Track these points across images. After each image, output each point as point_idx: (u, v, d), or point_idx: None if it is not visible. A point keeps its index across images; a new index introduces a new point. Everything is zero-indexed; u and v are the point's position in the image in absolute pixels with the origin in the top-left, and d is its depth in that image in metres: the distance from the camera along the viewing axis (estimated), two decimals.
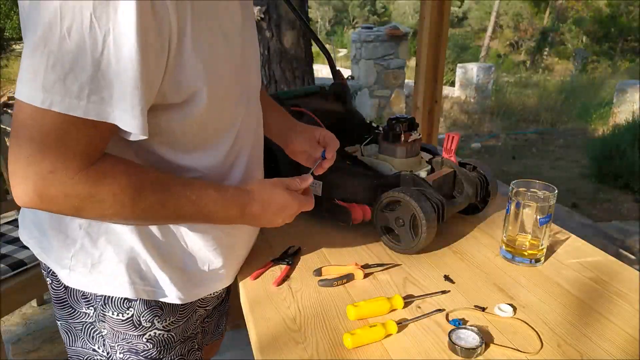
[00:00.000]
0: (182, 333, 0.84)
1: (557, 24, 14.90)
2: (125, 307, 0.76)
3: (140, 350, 0.80)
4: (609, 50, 13.57)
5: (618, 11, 13.48)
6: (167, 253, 0.76)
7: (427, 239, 0.91)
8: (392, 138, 1.04)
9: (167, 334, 0.81)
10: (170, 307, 0.80)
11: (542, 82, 10.20)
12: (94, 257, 0.73)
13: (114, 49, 0.54)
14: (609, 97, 7.42)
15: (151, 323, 0.78)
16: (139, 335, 0.78)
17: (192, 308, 0.85)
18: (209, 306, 0.92)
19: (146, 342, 0.79)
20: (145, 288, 0.75)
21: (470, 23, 17.60)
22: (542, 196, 0.91)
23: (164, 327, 0.80)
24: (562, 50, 14.36)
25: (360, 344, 0.70)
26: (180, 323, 0.83)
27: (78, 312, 0.80)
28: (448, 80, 9.24)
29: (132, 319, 0.77)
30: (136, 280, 0.74)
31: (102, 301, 0.76)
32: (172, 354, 0.83)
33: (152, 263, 0.74)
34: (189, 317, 0.85)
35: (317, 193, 1.07)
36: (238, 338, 2.10)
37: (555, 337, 0.72)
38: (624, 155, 4.42)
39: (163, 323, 0.80)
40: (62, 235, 0.73)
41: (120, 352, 0.80)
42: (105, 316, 0.77)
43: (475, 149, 5.83)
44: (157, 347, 0.81)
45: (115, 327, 0.77)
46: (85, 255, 0.73)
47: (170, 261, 0.76)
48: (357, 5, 18.39)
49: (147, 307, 0.77)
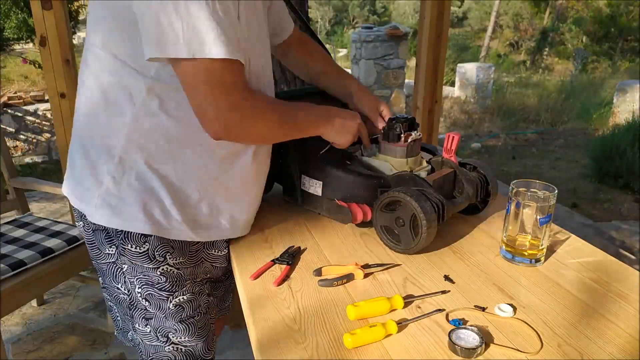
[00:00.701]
0: (191, 275, 0.95)
1: (557, 24, 14.89)
2: (142, 242, 0.87)
3: (155, 282, 0.90)
4: (609, 50, 13.56)
5: (618, 11, 13.47)
6: (183, 197, 0.88)
7: (427, 239, 0.91)
8: (392, 138, 1.04)
9: (177, 271, 0.92)
10: (180, 246, 0.91)
11: (542, 82, 10.20)
12: (117, 198, 0.85)
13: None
14: (609, 97, 7.42)
15: (164, 258, 0.89)
16: (153, 267, 0.89)
17: (199, 257, 0.96)
18: (215, 262, 1.01)
19: (160, 275, 0.90)
20: (160, 227, 0.86)
21: (470, 23, 17.59)
22: (542, 196, 0.91)
23: (175, 264, 0.91)
24: (562, 50, 14.35)
25: (360, 344, 0.70)
26: (189, 266, 0.94)
27: (103, 253, 0.92)
28: (448, 80, 9.24)
29: (147, 253, 0.88)
30: (152, 220, 0.86)
31: (123, 235, 0.87)
32: (183, 290, 0.93)
33: (169, 205, 0.86)
34: (196, 264, 0.96)
35: (317, 193, 1.07)
36: (238, 338, 2.10)
37: (555, 337, 0.72)
38: (624, 155, 4.42)
39: (174, 260, 0.91)
40: (92, 178, 0.86)
41: (139, 287, 0.91)
42: (125, 249, 0.88)
43: (475, 149, 5.83)
44: (169, 280, 0.91)
45: (133, 259, 0.89)
46: (109, 196, 0.85)
47: (185, 204, 0.88)
48: (357, 5, 18.38)
49: (160, 242, 0.88)
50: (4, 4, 7.07)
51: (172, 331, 0.94)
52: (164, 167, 0.86)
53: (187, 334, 0.95)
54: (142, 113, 0.82)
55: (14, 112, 5.01)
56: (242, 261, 0.94)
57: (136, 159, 0.84)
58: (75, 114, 0.92)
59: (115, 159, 0.84)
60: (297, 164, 1.09)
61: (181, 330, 0.94)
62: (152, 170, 0.85)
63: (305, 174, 1.08)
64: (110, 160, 0.85)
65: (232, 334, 2.12)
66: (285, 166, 1.11)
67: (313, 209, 1.10)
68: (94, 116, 0.86)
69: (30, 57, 6.98)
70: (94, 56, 0.84)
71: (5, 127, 4.94)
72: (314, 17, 17.38)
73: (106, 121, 0.85)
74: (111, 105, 0.83)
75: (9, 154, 2.14)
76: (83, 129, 0.90)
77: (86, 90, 0.87)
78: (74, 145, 0.92)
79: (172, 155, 0.86)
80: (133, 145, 0.84)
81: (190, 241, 0.92)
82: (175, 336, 0.94)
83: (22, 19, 7.16)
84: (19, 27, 7.24)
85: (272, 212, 1.14)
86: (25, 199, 2.19)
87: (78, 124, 0.91)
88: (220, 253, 1.00)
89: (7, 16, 7.22)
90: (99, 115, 0.85)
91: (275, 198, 1.19)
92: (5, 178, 2.11)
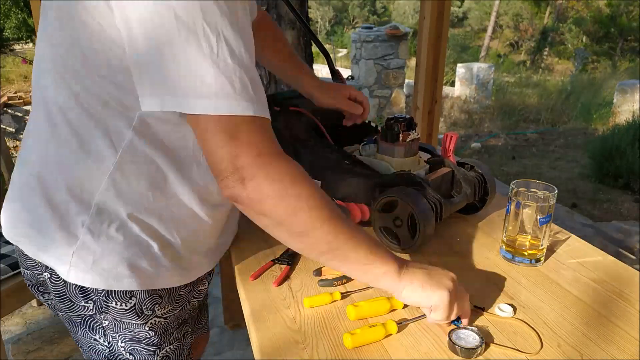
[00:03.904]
0: (177, 321, 0.88)
1: (557, 24, 14.90)
2: (127, 297, 0.78)
3: (143, 338, 0.83)
4: (609, 50, 13.57)
5: (618, 11, 13.47)
6: (167, 241, 0.79)
7: (425, 237, 0.91)
8: (390, 137, 1.04)
9: (165, 321, 0.85)
10: (168, 294, 0.83)
11: (542, 82, 10.20)
12: (96, 254, 0.74)
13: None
14: (609, 97, 7.42)
15: (152, 311, 0.81)
16: (141, 323, 0.81)
17: (187, 297, 0.89)
18: (201, 297, 0.94)
19: (148, 330, 0.82)
20: (147, 279, 0.78)
21: (470, 23, 17.60)
22: (542, 196, 0.91)
23: (162, 315, 0.83)
24: (562, 50, 14.36)
25: (360, 344, 0.70)
26: (177, 311, 0.86)
27: (77, 305, 0.80)
28: (448, 80, 9.25)
29: (134, 308, 0.79)
30: (138, 273, 0.76)
31: (105, 294, 0.77)
32: (170, 339, 0.87)
33: (157, 251, 0.77)
34: (184, 306, 0.88)
35: None
36: (238, 338, 2.10)
37: (555, 337, 0.72)
38: (624, 155, 4.42)
39: (162, 310, 0.83)
40: (63, 232, 0.74)
41: (122, 342, 0.82)
42: (109, 307, 0.78)
43: (475, 149, 5.83)
44: (158, 334, 0.84)
45: (118, 317, 0.80)
46: (86, 251, 0.74)
47: (170, 248, 0.80)
48: (357, 5, 18.39)
49: (148, 295, 0.80)
50: (4, 4, 7.07)
51: None
52: (148, 217, 0.76)
53: None
54: (127, 159, 0.71)
55: (14, 112, 5.01)
56: (242, 261, 0.94)
57: (117, 208, 0.73)
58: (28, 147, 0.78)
59: (92, 209, 0.72)
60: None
61: None
62: (136, 221, 0.75)
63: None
64: (85, 211, 0.72)
65: (232, 334, 2.12)
66: None
67: None
68: (60, 158, 0.73)
69: (30, 57, 6.98)
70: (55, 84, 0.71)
71: (5, 127, 4.95)
72: (314, 17, 17.39)
73: (78, 167, 0.72)
74: (85, 150, 0.71)
75: (9, 154, 2.14)
76: (42, 169, 0.75)
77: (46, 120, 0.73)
78: (27, 182, 0.76)
79: (158, 204, 0.76)
80: (112, 194, 0.72)
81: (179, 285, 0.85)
82: None
83: (22, 18, 7.16)
84: (19, 27, 7.25)
85: None
86: None
87: (34, 160, 0.76)
88: (204, 286, 0.94)
89: (7, 16, 7.22)
90: (66, 158, 0.72)
91: None
92: (5, 178, 2.11)
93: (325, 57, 1.28)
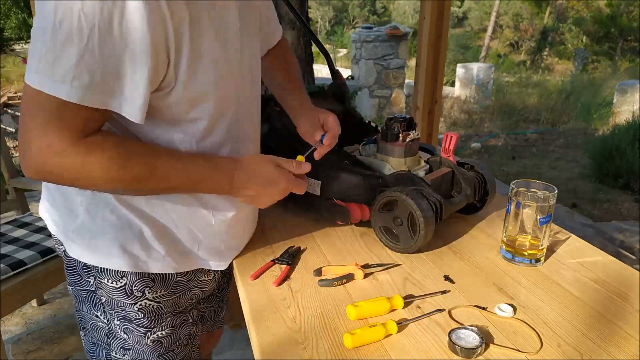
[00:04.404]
0: (173, 307, 0.90)
1: (557, 24, 14.90)
2: (119, 277, 0.82)
3: (133, 318, 0.86)
4: (609, 50, 13.56)
5: (618, 11, 13.47)
6: (163, 228, 0.82)
7: (425, 237, 0.91)
8: (390, 138, 1.04)
9: (157, 305, 0.86)
10: (161, 279, 0.85)
11: (542, 82, 10.20)
12: (92, 233, 0.80)
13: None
14: (609, 97, 7.42)
15: (142, 293, 0.84)
16: (131, 303, 0.84)
17: (186, 285, 0.90)
18: (206, 287, 0.95)
19: (137, 311, 0.85)
20: (138, 262, 0.81)
21: (470, 23, 17.60)
22: (542, 196, 0.91)
23: (154, 298, 0.86)
24: (562, 50, 14.36)
25: (360, 344, 0.70)
26: (172, 297, 0.88)
27: (83, 279, 0.87)
28: (448, 80, 9.25)
29: (124, 288, 0.83)
30: (129, 255, 0.80)
31: (99, 270, 0.82)
32: (162, 325, 0.88)
33: (149, 238, 0.81)
34: (182, 293, 0.89)
35: (315, 192, 1.07)
36: (238, 338, 2.10)
37: (555, 337, 0.72)
38: (624, 155, 4.42)
39: (153, 294, 0.85)
40: (66, 210, 0.81)
41: (117, 320, 0.87)
42: (102, 283, 0.83)
43: (475, 149, 5.83)
44: (148, 316, 0.86)
45: (110, 294, 0.84)
46: (84, 230, 0.80)
47: (166, 235, 0.82)
48: (357, 5, 18.39)
49: (138, 277, 0.83)
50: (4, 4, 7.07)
51: None
52: (136, 200, 0.79)
53: None
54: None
55: (14, 112, 5.01)
56: (242, 261, 0.94)
57: (107, 194, 0.78)
58: None
59: (88, 190, 0.78)
60: None
61: None
62: (125, 205, 0.79)
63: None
64: (82, 192, 0.78)
65: (232, 334, 2.12)
66: None
67: (311, 209, 1.10)
68: None
69: None
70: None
71: (5, 127, 4.95)
72: (314, 17, 17.39)
73: None
74: None
75: (9, 154, 2.14)
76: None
77: None
78: None
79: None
80: None
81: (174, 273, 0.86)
82: None
83: (22, 19, 7.16)
84: (19, 27, 7.25)
85: (272, 212, 1.14)
86: (25, 199, 2.20)
87: None
88: (209, 277, 0.94)
89: (7, 16, 7.23)
90: None
91: None
92: (5, 178, 2.12)
93: (325, 57, 1.28)
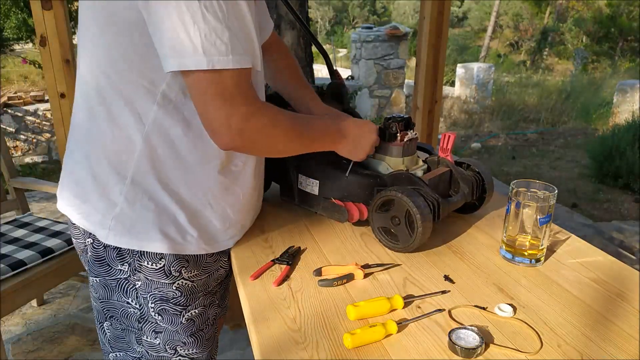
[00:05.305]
0: (204, 286, 0.97)
1: (557, 24, 14.90)
2: (158, 258, 0.88)
3: (170, 297, 0.92)
4: (609, 50, 13.56)
5: (618, 11, 13.47)
6: (196, 213, 0.89)
7: (424, 235, 0.91)
8: (388, 137, 1.04)
9: (191, 284, 0.94)
10: (194, 260, 0.92)
11: (542, 82, 10.20)
12: (132, 219, 0.86)
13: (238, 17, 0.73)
14: (609, 97, 7.42)
15: (179, 273, 0.91)
16: (169, 283, 0.91)
17: (214, 266, 0.97)
18: (227, 268, 1.02)
19: (175, 290, 0.92)
20: (176, 245, 0.88)
21: (470, 23, 17.60)
22: (542, 196, 0.91)
23: (189, 278, 0.93)
24: (562, 50, 14.36)
25: (360, 344, 0.70)
26: (203, 277, 0.95)
27: (113, 269, 0.91)
28: (448, 80, 9.25)
29: (163, 269, 0.89)
30: (168, 238, 0.87)
31: (138, 254, 0.88)
32: (196, 303, 0.96)
33: (184, 222, 0.88)
34: (211, 273, 0.97)
35: (313, 192, 1.07)
36: (238, 338, 2.10)
37: (555, 337, 0.72)
38: (624, 155, 4.42)
39: (189, 274, 0.92)
40: (103, 200, 0.86)
41: (152, 302, 0.92)
42: (142, 266, 0.89)
43: (475, 149, 5.83)
44: (184, 294, 0.93)
45: (149, 275, 0.89)
46: (124, 217, 0.86)
47: (199, 219, 0.90)
48: (357, 5, 18.38)
49: (176, 258, 0.89)
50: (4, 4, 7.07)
51: (180, 344, 0.96)
52: (176, 186, 0.86)
53: (195, 346, 0.97)
54: (153, 134, 0.82)
55: (14, 112, 5.01)
56: (242, 261, 0.94)
57: (149, 180, 0.84)
58: (74, 123, 0.90)
59: (127, 179, 0.84)
60: (294, 163, 1.10)
61: (190, 344, 0.96)
62: (166, 190, 0.85)
63: (302, 173, 1.08)
64: (121, 181, 0.84)
65: (232, 334, 2.12)
66: (282, 165, 1.11)
67: (310, 208, 1.10)
68: (98, 135, 0.84)
69: (30, 57, 6.98)
70: (90, 71, 0.82)
71: (5, 127, 4.95)
72: (314, 17, 17.38)
73: (113, 142, 0.83)
74: (118, 127, 0.82)
75: (9, 154, 2.14)
76: (85, 145, 0.87)
77: (86, 102, 0.85)
78: (76, 159, 0.90)
79: (185, 173, 0.86)
80: (144, 167, 0.83)
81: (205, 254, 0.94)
82: (184, 349, 0.96)
83: (22, 19, 7.16)
84: (19, 27, 7.25)
85: (272, 212, 1.15)
86: (25, 199, 2.19)
87: (78, 136, 0.89)
88: (227, 258, 1.02)
89: (7, 16, 7.22)
90: (105, 136, 0.83)
91: (275, 198, 1.19)
92: (6, 178, 2.11)
93: (324, 57, 1.28)
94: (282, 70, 1.17)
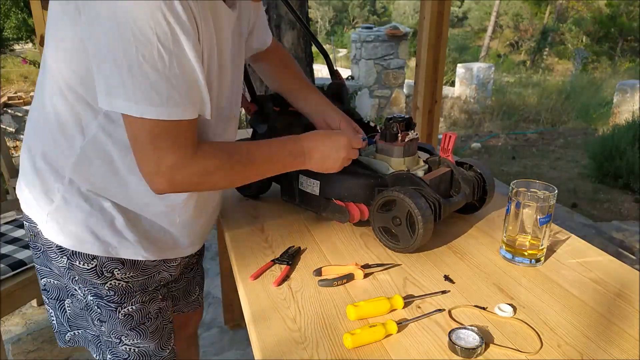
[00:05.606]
0: (142, 286, 0.95)
1: (557, 24, 14.90)
2: (89, 259, 0.88)
3: (103, 295, 0.92)
4: (609, 50, 13.56)
5: (618, 11, 13.47)
6: (135, 217, 0.87)
7: (424, 236, 0.91)
8: (389, 137, 1.04)
9: (125, 284, 0.92)
10: (131, 263, 0.91)
11: (542, 82, 10.20)
12: (65, 218, 0.85)
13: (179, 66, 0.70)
14: (609, 97, 7.42)
15: (111, 274, 0.90)
16: (101, 283, 0.90)
17: (155, 269, 0.95)
18: (173, 272, 1.01)
19: (108, 289, 0.91)
20: (108, 247, 0.87)
21: (470, 23, 17.61)
22: (542, 196, 0.91)
23: (123, 279, 0.91)
24: (562, 50, 14.36)
25: (360, 344, 0.70)
26: (140, 278, 0.94)
27: (58, 257, 0.90)
28: (448, 80, 9.24)
29: (95, 269, 0.88)
30: (100, 241, 0.86)
31: (71, 252, 0.87)
32: (132, 300, 0.94)
33: (121, 225, 0.86)
34: (150, 276, 0.95)
35: (314, 192, 1.07)
36: (238, 338, 2.10)
37: (555, 337, 0.72)
38: (624, 155, 4.42)
39: (122, 275, 0.91)
40: (43, 194, 0.86)
41: (90, 295, 0.92)
42: (74, 265, 0.89)
43: (475, 149, 5.83)
44: (118, 293, 0.92)
45: (81, 274, 0.89)
46: (58, 214, 0.85)
47: (137, 224, 0.88)
48: (357, 5, 18.39)
49: (108, 259, 0.88)
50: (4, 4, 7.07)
51: (124, 335, 0.95)
52: (113, 195, 0.85)
53: (138, 338, 0.97)
54: (91, 147, 0.81)
55: (14, 112, 5.01)
56: (242, 261, 0.94)
57: (85, 185, 0.84)
58: (28, 121, 0.90)
59: (65, 179, 0.83)
60: None
61: (132, 336, 0.96)
62: (99, 196, 0.84)
63: (302, 174, 1.08)
64: (60, 180, 0.84)
65: (232, 334, 2.12)
66: None
67: (310, 208, 1.10)
68: (44, 134, 0.84)
69: (30, 57, 6.98)
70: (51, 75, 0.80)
71: (5, 127, 4.95)
72: (314, 17, 17.38)
73: (55, 144, 0.83)
74: (62, 131, 0.81)
75: (9, 154, 2.14)
76: (33, 141, 0.87)
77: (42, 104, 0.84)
78: (25, 153, 0.90)
79: (126, 190, 0.85)
80: (80, 174, 0.83)
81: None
82: (128, 339, 0.96)
83: (22, 19, 7.16)
84: (19, 27, 7.25)
85: (272, 212, 1.15)
86: None
87: (30, 134, 0.89)
88: (175, 263, 1.00)
89: (7, 16, 7.22)
90: (50, 136, 0.83)
91: (275, 198, 1.19)
92: (5, 178, 2.12)
93: (324, 58, 1.28)
94: (281, 72, 1.18)
